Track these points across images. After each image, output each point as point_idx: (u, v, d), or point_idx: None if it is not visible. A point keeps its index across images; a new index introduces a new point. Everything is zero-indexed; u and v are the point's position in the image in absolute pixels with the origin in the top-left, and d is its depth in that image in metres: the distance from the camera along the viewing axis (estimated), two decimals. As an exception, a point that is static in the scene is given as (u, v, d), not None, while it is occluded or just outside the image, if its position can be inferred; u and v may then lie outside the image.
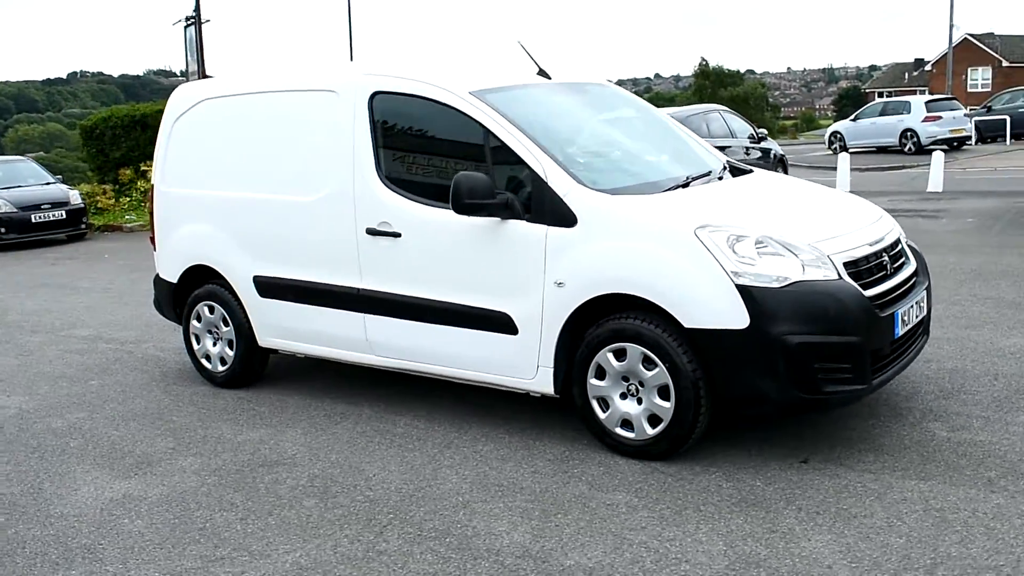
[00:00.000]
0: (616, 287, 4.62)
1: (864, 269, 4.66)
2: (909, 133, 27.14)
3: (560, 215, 4.77)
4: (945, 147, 23.95)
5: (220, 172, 6.33)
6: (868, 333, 4.46)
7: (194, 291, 6.57)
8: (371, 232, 5.43)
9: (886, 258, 4.86)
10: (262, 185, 6.06)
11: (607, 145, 5.61)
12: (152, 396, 6.47)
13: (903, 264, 5.08)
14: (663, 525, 4.03)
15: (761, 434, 4.94)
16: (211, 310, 6.47)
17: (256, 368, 6.47)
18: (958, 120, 27.24)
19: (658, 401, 4.60)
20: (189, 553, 4.03)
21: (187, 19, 21.43)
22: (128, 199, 19.85)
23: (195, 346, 6.67)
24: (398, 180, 5.42)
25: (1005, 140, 28.75)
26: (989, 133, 29.15)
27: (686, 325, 4.44)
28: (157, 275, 6.91)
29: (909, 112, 27.32)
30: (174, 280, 6.69)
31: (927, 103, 27.77)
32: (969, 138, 27.65)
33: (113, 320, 9.31)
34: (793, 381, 4.33)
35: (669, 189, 5.07)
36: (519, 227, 4.89)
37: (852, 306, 4.41)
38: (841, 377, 4.38)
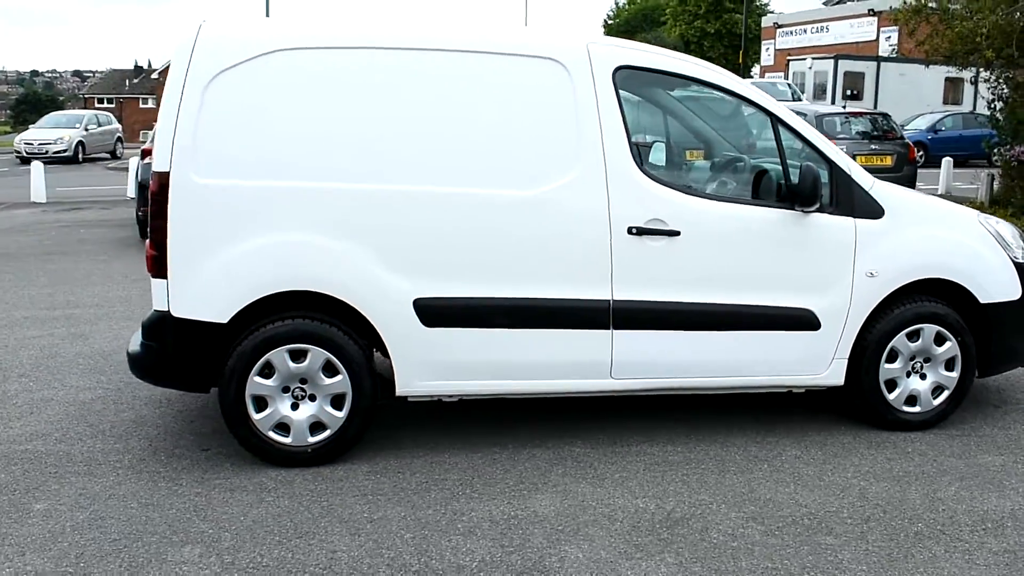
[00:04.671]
0: (929, 272, 4.98)
1: None
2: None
3: (868, 207, 4.88)
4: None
5: (339, 156, 4.41)
6: None
7: (256, 333, 4.42)
8: (637, 232, 4.60)
9: None
10: (430, 175, 4.48)
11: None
12: (280, 504, 4.20)
13: None
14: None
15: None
16: (298, 357, 4.46)
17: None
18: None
19: (945, 373, 5.11)
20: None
21: None
22: None
23: (254, 416, 4.48)
24: (663, 170, 4.73)
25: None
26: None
27: (982, 301, 5.07)
28: (167, 316, 4.38)
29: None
30: (223, 320, 4.37)
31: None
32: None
33: None
34: (1037, 339, 5.33)
35: None
36: (825, 220, 4.83)
37: None
38: None
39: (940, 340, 5.06)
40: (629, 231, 4.60)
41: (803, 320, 4.85)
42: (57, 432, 5.05)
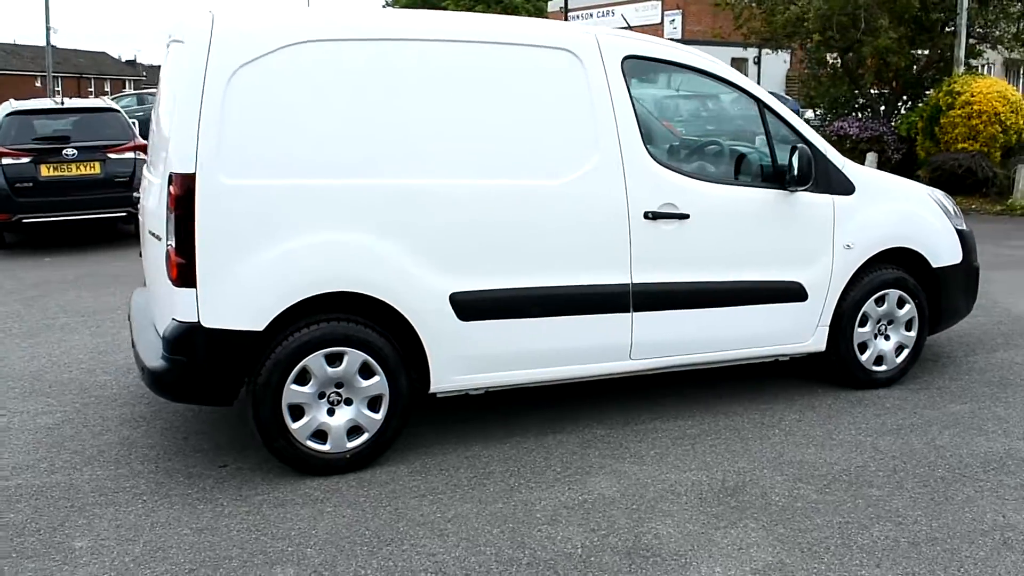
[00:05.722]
0: (894, 243, 5.46)
1: None
2: None
3: (842, 185, 5.29)
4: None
5: (368, 151, 4.27)
6: None
7: (291, 339, 4.23)
8: (652, 216, 4.76)
9: None
10: (460, 168, 4.43)
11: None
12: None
13: None
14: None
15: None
16: (334, 360, 4.30)
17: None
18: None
19: (905, 333, 5.62)
20: None
21: None
22: None
23: (292, 426, 4.29)
24: (668, 156, 4.90)
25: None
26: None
27: (934, 266, 5.61)
28: (196, 327, 4.08)
29: None
30: (259, 327, 4.14)
31: None
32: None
33: None
34: (973, 298, 5.95)
35: None
36: (807, 198, 5.17)
37: None
38: None
39: (901, 303, 5.55)
40: (645, 216, 4.75)
41: (794, 292, 5.19)
42: (43, 463, 4.60)
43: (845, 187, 5.30)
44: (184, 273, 4.08)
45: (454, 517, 4.00)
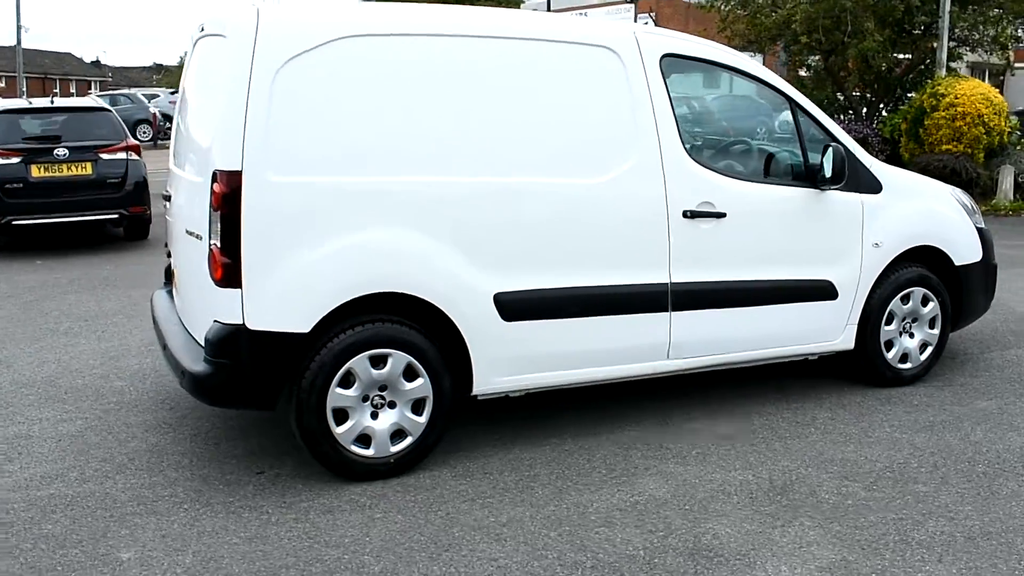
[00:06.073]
0: (921, 240, 5.49)
1: None
2: None
3: (870, 184, 5.31)
4: None
5: (415, 149, 4.20)
6: None
7: (335, 341, 4.15)
8: (691, 215, 4.74)
9: None
10: (506, 166, 4.38)
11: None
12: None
13: None
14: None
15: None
16: (378, 363, 4.23)
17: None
18: None
19: (929, 331, 5.65)
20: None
21: None
22: None
23: (336, 430, 4.21)
24: (704, 154, 4.90)
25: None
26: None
27: (957, 263, 5.65)
28: (241, 329, 3.98)
29: None
30: (305, 329, 4.06)
31: None
32: None
33: None
34: (991, 295, 6.00)
35: None
36: (838, 196, 5.19)
37: None
38: None
39: (925, 301, 5.59)
40: (684, 215, 4.73)
41: (825, 290, 5.20)
42: (73, 471, 4.48)
43: (873, 186, 5.32)
44: (229, 273, 3.98)
45: (508, 521, 3.95)
